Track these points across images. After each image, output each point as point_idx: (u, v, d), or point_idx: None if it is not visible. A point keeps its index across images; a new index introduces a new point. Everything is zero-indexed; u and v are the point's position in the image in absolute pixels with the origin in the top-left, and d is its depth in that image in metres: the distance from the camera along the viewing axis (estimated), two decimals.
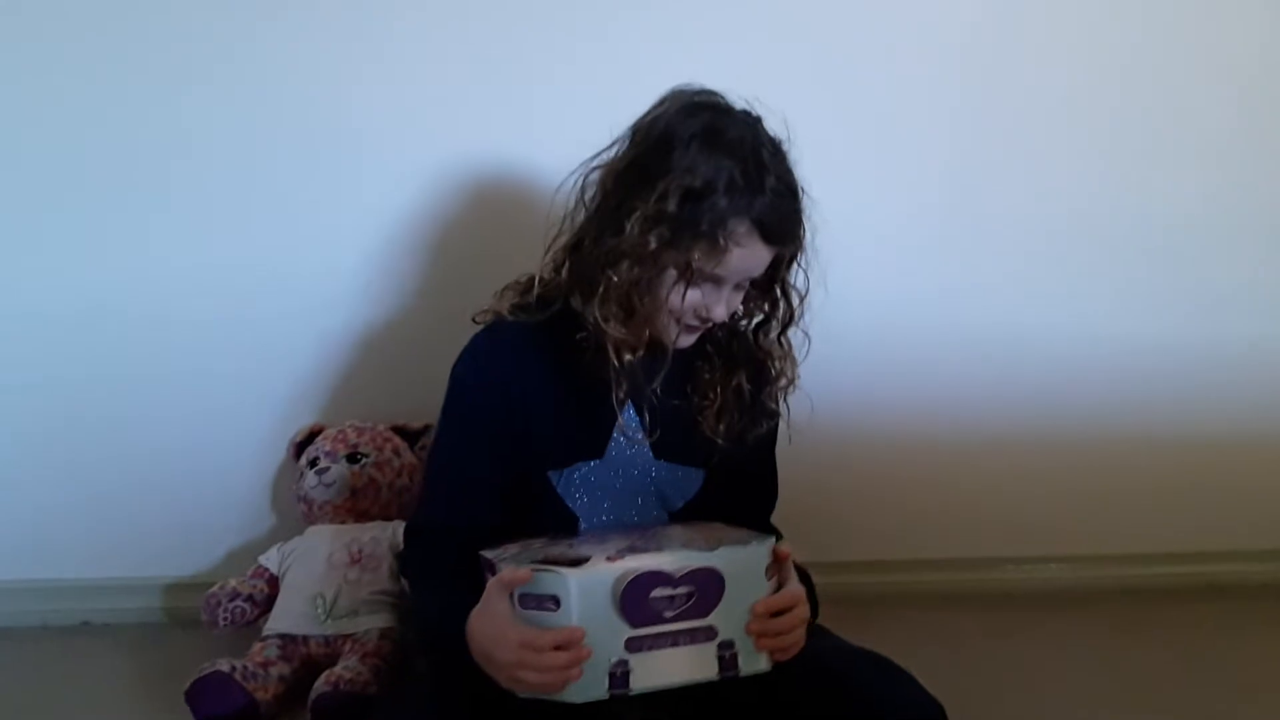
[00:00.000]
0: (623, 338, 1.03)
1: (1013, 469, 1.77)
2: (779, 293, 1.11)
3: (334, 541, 1.46)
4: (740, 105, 1.06)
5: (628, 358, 1.04)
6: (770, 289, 1.11)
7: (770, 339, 1.14)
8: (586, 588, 0.88)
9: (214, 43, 1.50)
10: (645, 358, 1.07)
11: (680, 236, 0.99)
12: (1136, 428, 1.79)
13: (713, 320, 1.06)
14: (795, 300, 1.12)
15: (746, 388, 1.13)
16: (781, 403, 1.17)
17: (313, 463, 1.52)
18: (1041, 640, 1.64)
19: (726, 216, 0.99)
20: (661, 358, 1.08)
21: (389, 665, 1.33)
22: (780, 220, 1.02)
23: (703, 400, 1.12)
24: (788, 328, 1.13)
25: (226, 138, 1.52)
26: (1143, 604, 1.76)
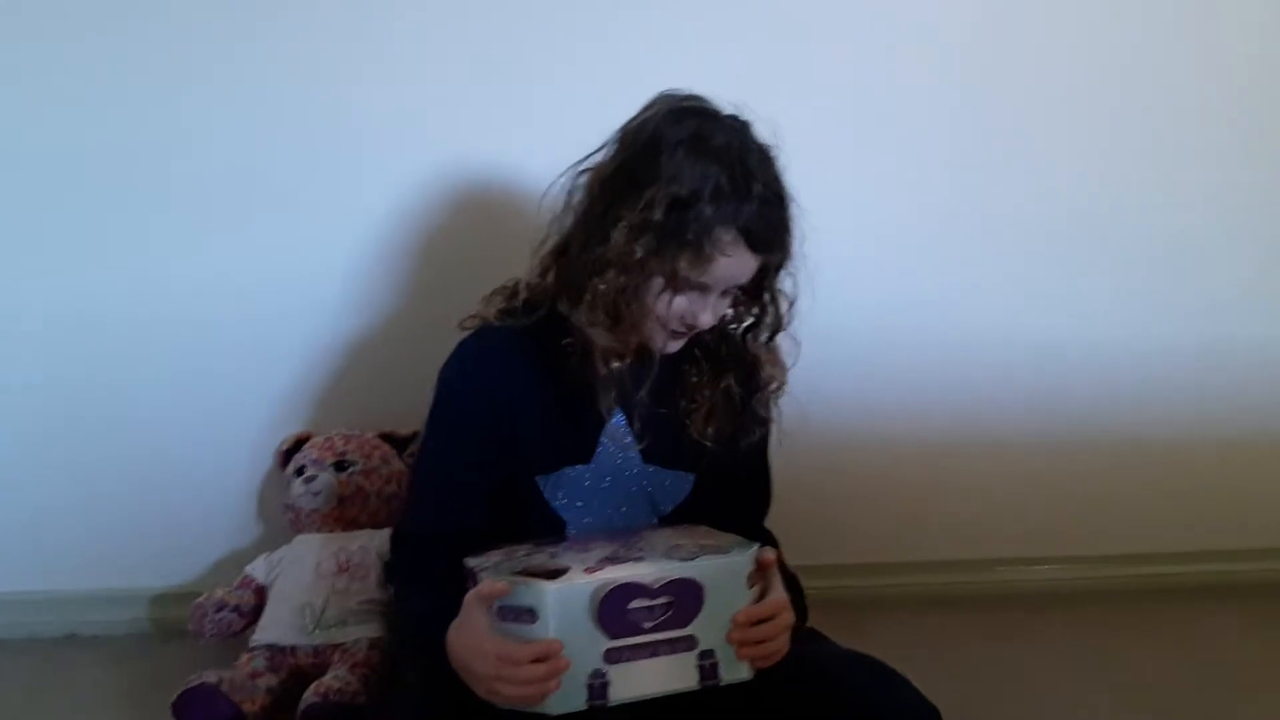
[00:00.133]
0: (609, 345, 1.04)
1: (1009, 470, 1.78)
2: (768, 299, 1.12)
3: (322, 550, 1.46)
4: (728, 110, 1.07)
5: (614, 364, 1.05)
6: (759, 294, 1.12)
7: (759, 343, 1.14)
8: (564, 600, 0.89)
9: (212, 45, 1.50)
10: (632, 364, 1.08)
11: (666, 245, 1.00)
12: (1132, 428, 1.81)
13: (699, 327, 1.07)
14: (784, 306, 1.12)
15: (736, 391, 1.14)
16: (773, 406, 1.18)
17: (300, 471, 1.52)
18: (1038, 642, 1.65)
19: (713, 225, 0.99)
20: (649, 364, 1.09)
21: (378, 675, 1.34)
22: (767, 228, 1.03)
23: (691, 404, 1.13)
24: (776, 333, 1.14)
25: (209, 148, 1.53)
26: (1140, 605, 1.77)
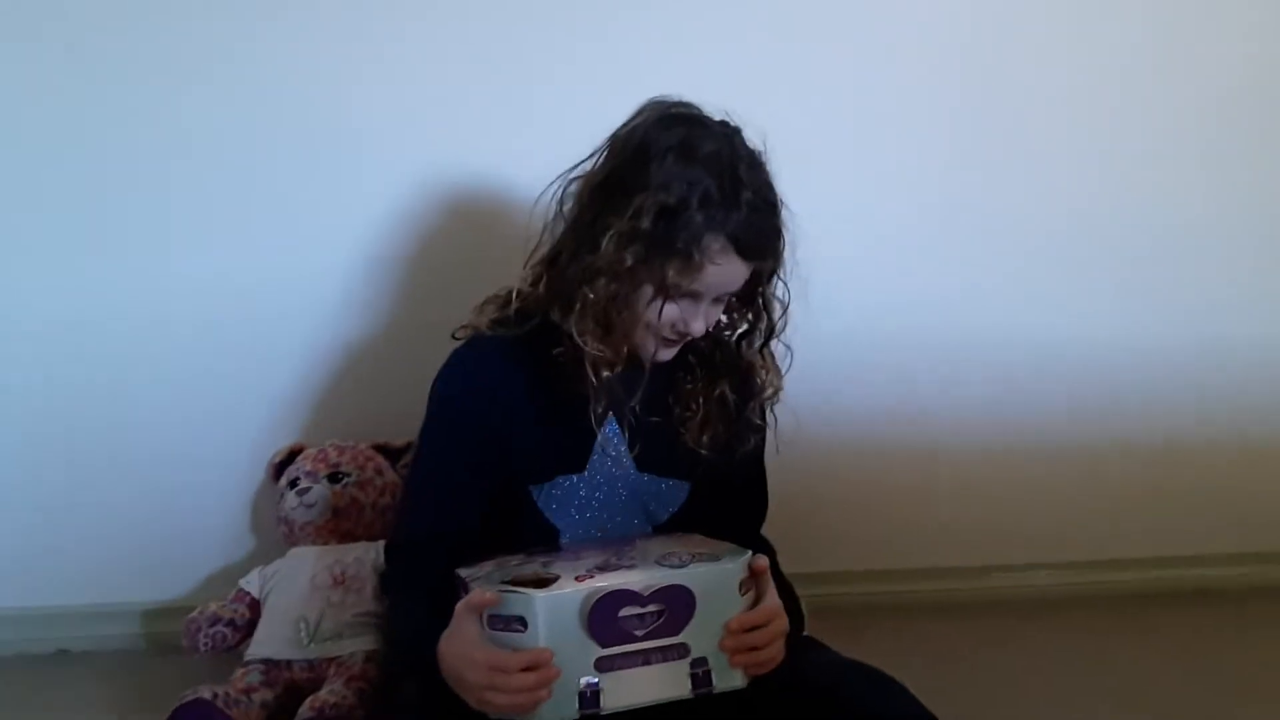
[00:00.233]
0: (600, 353, 1.05)
1: (1004, 476, 1.80)
2: (761, 305, 1.12)
3: (317, 563, 1.46)
4: (718, 116, 1.07)
5: (605, 373, 1.06)
6: (753, 301, 1.13)
7: (753, 349, 1.15)
8: (553, 608, 0.89)
9: (212, 46, 1.52)
10: (625, 372, 1.08)
11: (655, 254, 1.01)
12: (1130, 432, 1.82)
13: (692, 335, 1.08)
14: (778, 312, 1.13)
15: (731, 398, 1.14)
16: (768, 413, 1.19)
17: (293, 483, 1.52)
18: (1035, 648, 1.67)
19: (701, 233, 1.00)
20: (641, 372, 1.09)
21: (374, 689, 1.34)
22: (756, 235, 1.03)
23: (685, 411, 1.14)
24: (769, 340, 1.14)
25: (208, 151, 1.54)
26: (1136, 609, 1.79)
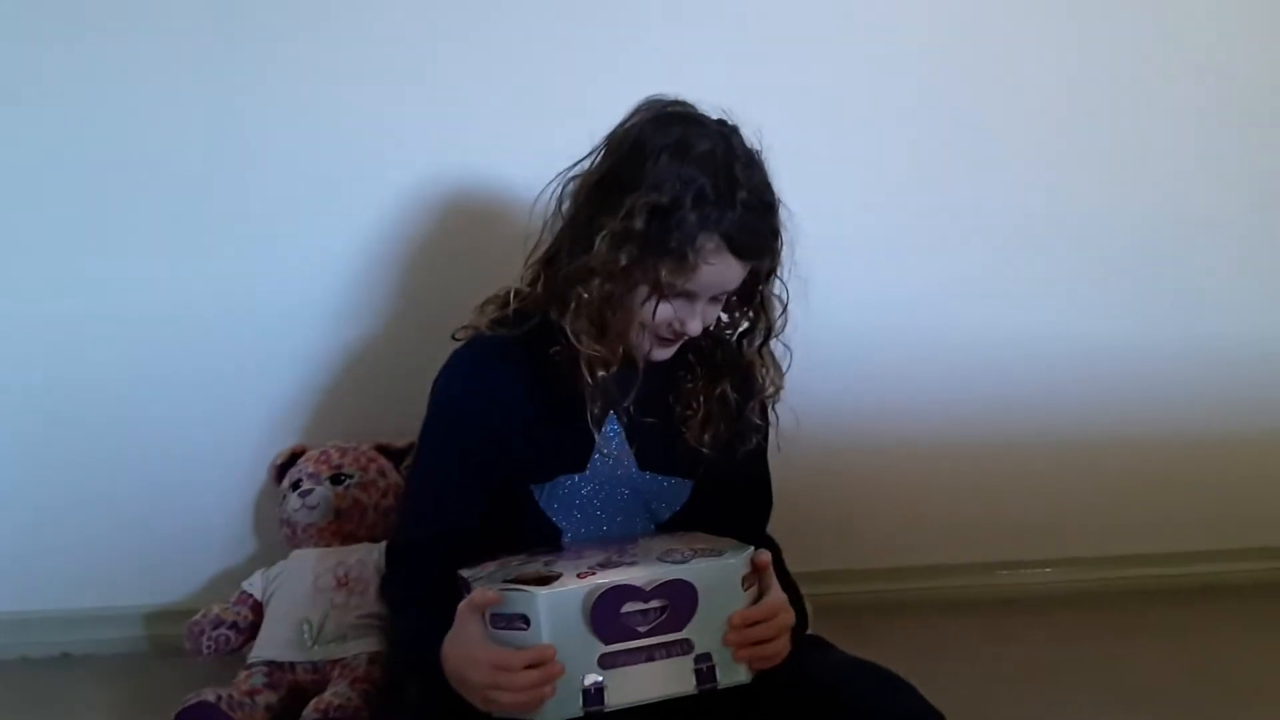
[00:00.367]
0: (596, 353, 1.06)
1: (1006, 472, 1.81)
2: (760, 304, 1.13)
3: (320, 565, 1.47)
4: (715, 115, 1.08)
5: (601, 373, 1.07)
6: (753, 300, 1.14)
7: (754, 348, 1.16)
8: (555, 605, 0.90)
9: (212, 50, 1.53)
10: (622, 372, 1.09)
11: (649, 253, 1.02)
12: (1129, 428, 1.83)
13: (688, 335, 1.09)
14: (776, 312, 1.14)
15: (732, 396, 1.15)
16: (770, 411, 1.20)
17: (295, 485, 1.53)
18: (1039, 645, 1.68)
19: (695, 233, 1.01)
20: (638, 372, 1.11)
21: (378, 690, 1.34)
22: (751, 235, 1.04)
23: (686, 410, 1.15)
24: (768, 339, 1.15)
25: (208, 154, 1.54)
26: (1141, 606, 1.80)
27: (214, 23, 1.52)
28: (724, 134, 1.06)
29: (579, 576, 0.93)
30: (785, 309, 1.15)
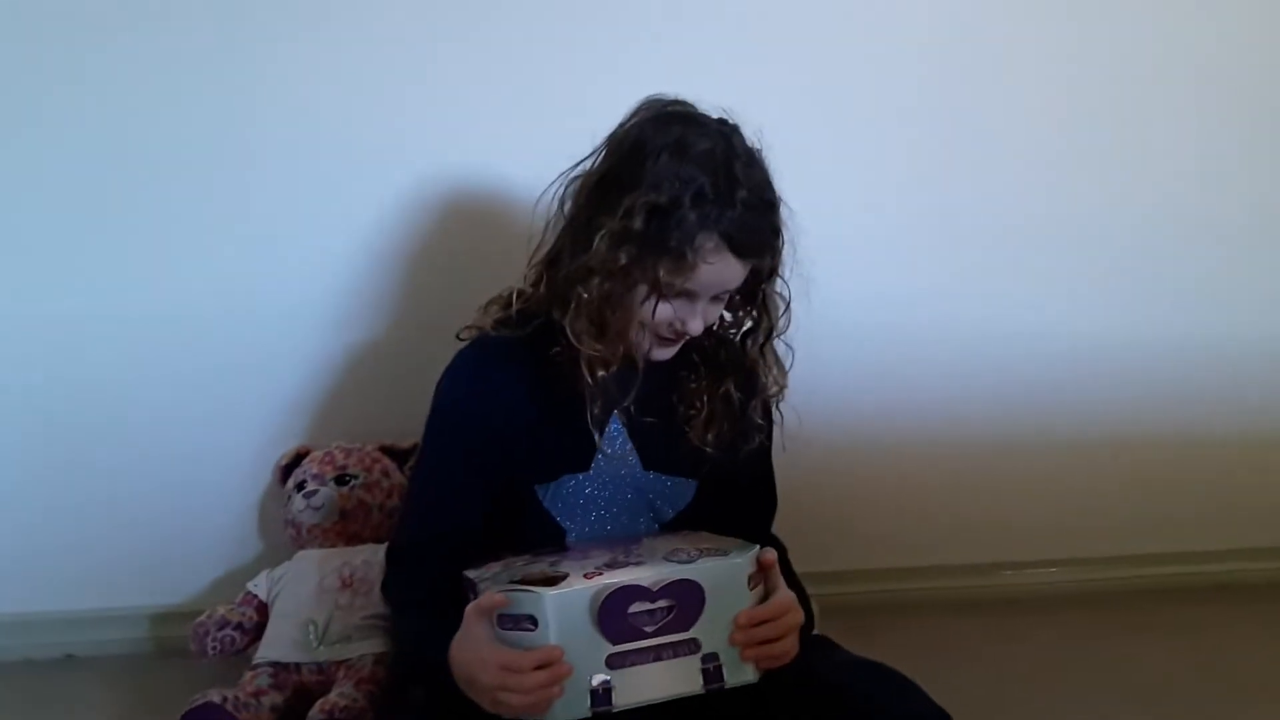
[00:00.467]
0: (596, 353, 1.06)
1: (1012, 471, 1.82)
2: (761, 303, 1.14)
3: (324, 566, 1.48)
4: (716, 114, 1.08)
5: (600, 373, 1.08)
6: (755, 299, 1.14)
7: (757, 347, 1.16)
8: (563, 606, 0.91)
9: (213, 51, 1.53)
10: (622, 372, 1.10)
11: (647, 253, 1.02)
12: (1131, 427, 1.84)
13: (689, 334, 1.09)
14: (779, 310, 1.14)
15: (736, 396, 1.16)
16: (774, 410, 1.20)
17: (300, 486, 1.54)
18: (1045, 645, 1.69)
19: (694, 232, 1.01)
20: (639, 372, 1.11)
21: (383, 691, 1.35)
22: (751, 234, 1.04)
23: (690, 410, 1.15)
24: (770, 337, 1.16)
25: (209, 157, 1.55)
26: (1147, 605, 1.81)
27: (214, 23, 1.53)
28: (724, 133, 1.06)
29: (586, 577, 0.93)
30: (788, 307, 1.15)
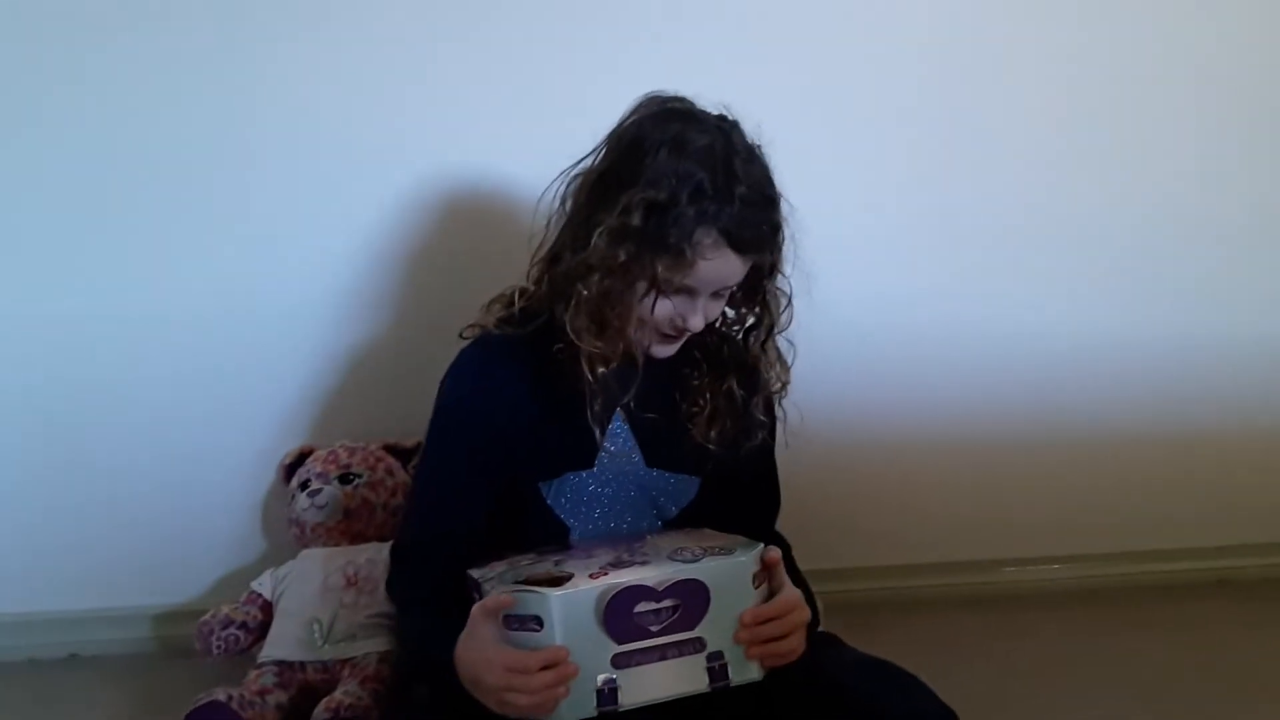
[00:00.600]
0: (596, 350, 1.07)
1: (1016, 468, 1.83)
2: (763, 300, 1.15)
3: (329, 565, 1.49)
4: (716, 111, 1.09)
5: (600, 370, 1.09)
6: (756, 295, 1.15)
7: (759, 344, 1.17)
8: (569, 606, 0.92)
9: (214, 51, 1.55)
10: (622, 369, 1.11)
11: (645, 250, 1.03)
12: (1133, 425, 1.86)
13: (690, 331, 1.10)
14: (780, 307, 1.15)
15: (738, 393, 1.17)
16: (777, 407, 1.21)
17: (304, 485, 1.55)
18: (1049, 642, 1.70)
19: (692, 228, 1.02)
20: (640, 369, 1.12)
21: (388, 689, 1.36)
22: (751, 229, 1.05)
23: (693, 407, 1.16)
24: (772, 334, 1.17)
25: (211, 156, 1.57)
26: (1149, 601, 1.82)
27: (214, 23, 1.54)
28: (723, 129, 1.07)
29: (591, 577, 0.94)
30: (790, 303, 1.16)
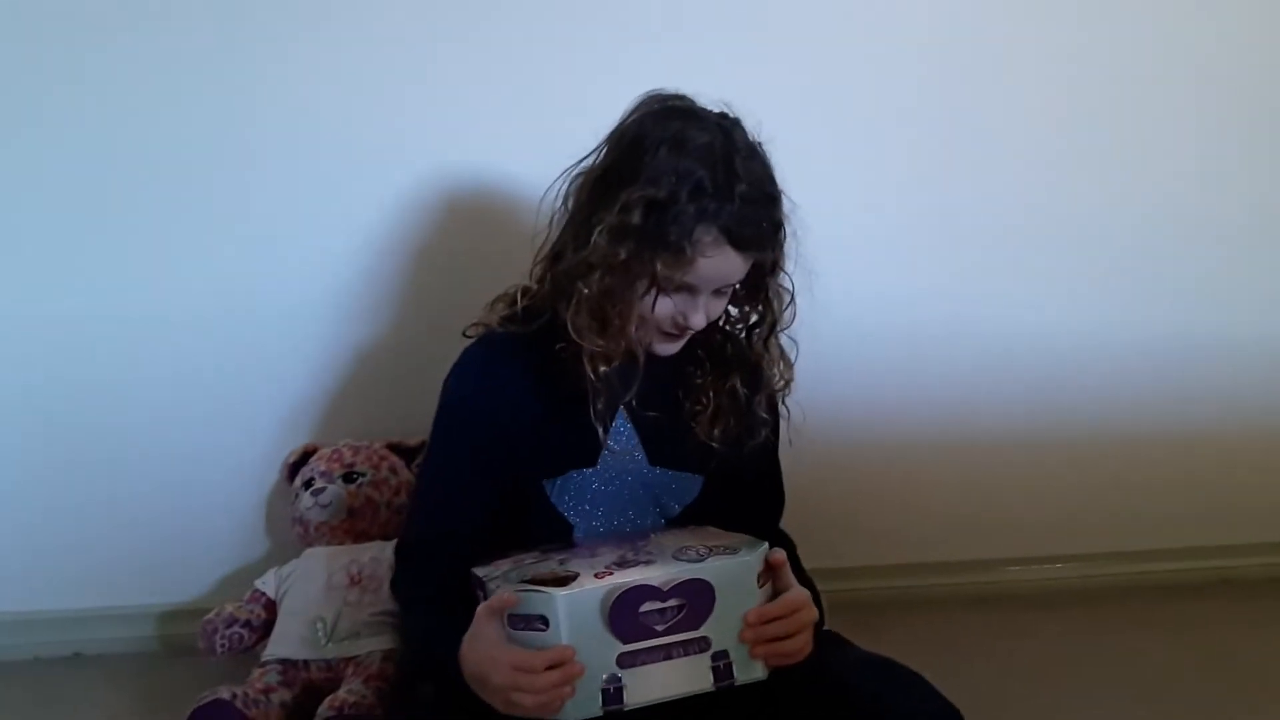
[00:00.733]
0: (598, 348, 1.08)
1: (1018, 468, 1.85)
2: (765, 297, 1.16)
3: (332, 563, 1.50)
4: (717, 108, 1.10)
5: (602, 368, 1.10)
6: (759, 293, 1.16)
7: (763, 342, 1.18)
8: (574, 606, 0.93)
9: (215, 51, 1.56)
10: (623, 367, 1.12)
11: (645, 248, 1.03)
12: (1137, 425, 1.87)
13: (692, 329, 1.10)
14: (783, 304, 1.16)
15: (741, 391, 1.18)
16: (780, 405, 1.23)
17: (308, 484, 1.57)
18: (1052, 641, 1.72)
19: (692, 226, 1.02)
20: (643, 367, 1.13)
21: (393, 688, 1.37)
22: (751, 227, 1.05)
23: (695, 405, 1.18)
24: (775, 331, 1.17)
25: (212, 156, 1.58)
26: (1151, 600, 1.84)
27: (214, 23, 1.55)
28: (724, 127, 1.07)
29: (596, 576, 0.95)
30: (792, 301, 1.17)
